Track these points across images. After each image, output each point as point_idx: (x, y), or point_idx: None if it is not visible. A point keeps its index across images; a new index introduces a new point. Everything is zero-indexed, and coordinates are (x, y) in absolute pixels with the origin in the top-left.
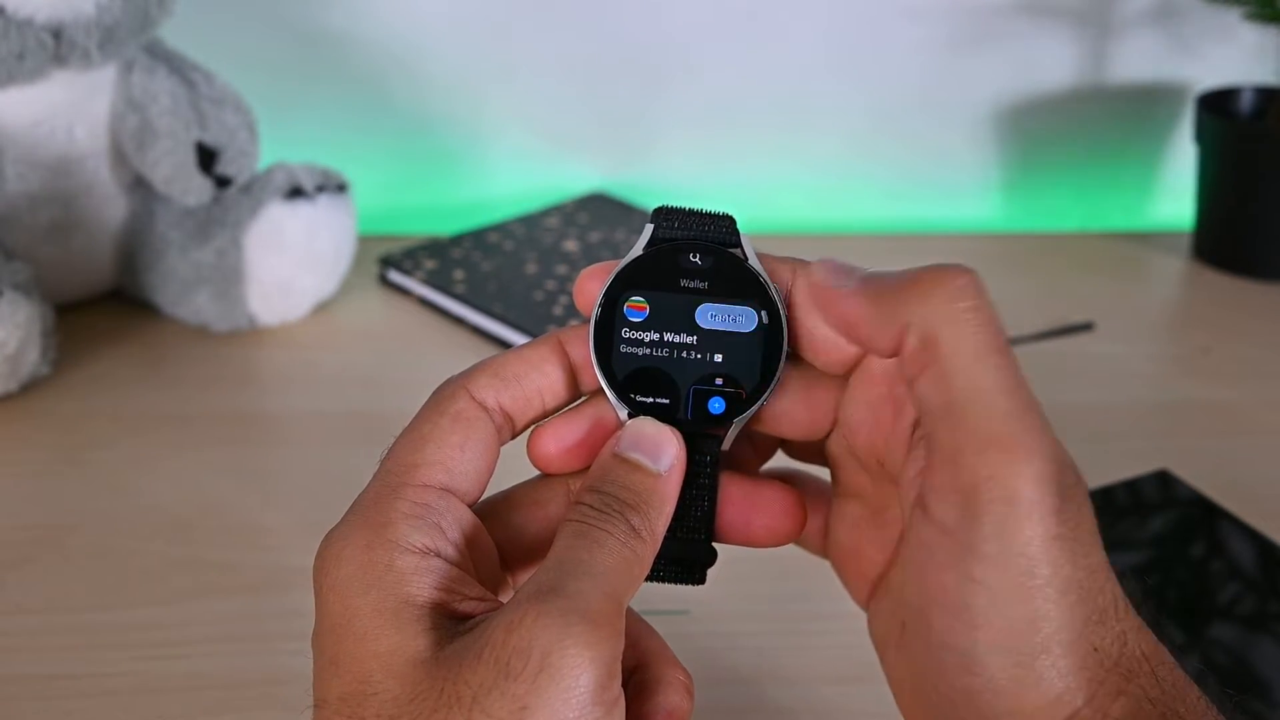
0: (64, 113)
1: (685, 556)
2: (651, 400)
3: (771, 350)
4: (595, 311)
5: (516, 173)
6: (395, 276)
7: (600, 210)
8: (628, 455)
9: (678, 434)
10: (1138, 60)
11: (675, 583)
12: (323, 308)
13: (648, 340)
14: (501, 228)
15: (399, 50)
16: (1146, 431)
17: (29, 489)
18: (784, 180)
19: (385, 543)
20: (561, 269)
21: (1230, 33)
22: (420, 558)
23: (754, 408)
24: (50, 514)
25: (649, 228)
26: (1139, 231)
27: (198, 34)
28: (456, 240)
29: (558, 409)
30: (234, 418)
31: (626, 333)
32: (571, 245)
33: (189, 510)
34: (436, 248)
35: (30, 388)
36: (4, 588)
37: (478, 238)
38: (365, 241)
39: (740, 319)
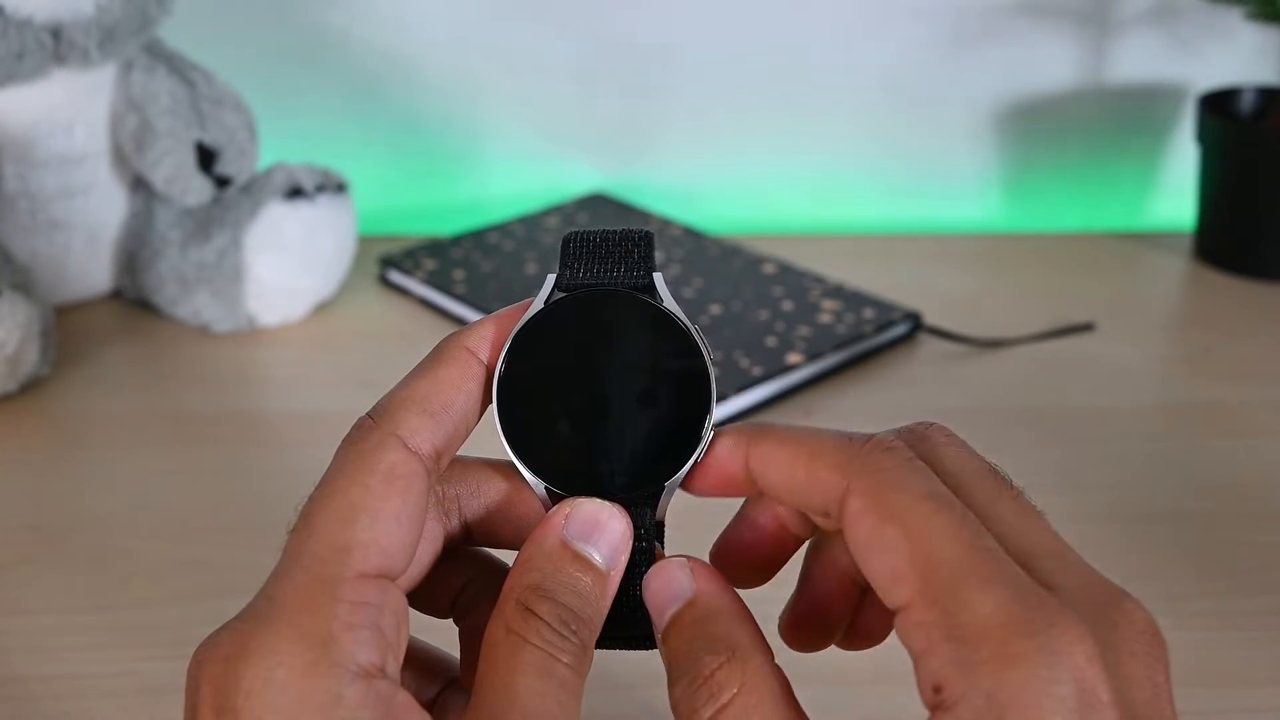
0: (63, 113)
1: (627, 635)
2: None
3: (699, 412)
4: (495, 394)
5: (516, 173)
6: (395, 276)
7: (600, 210)
8: (579, 548)
9: (625, 517)
10: (1137, 60)
11: (622, 649)
12: (322, 308)
13: (562, 429)
14: (502, 228)
15: (399, 50)
16: (1147, 432)
17: (29, 489)
18: (783, 180)
19: (330, 664)
20: None
21: (1230, 33)
22: (368, 685)
23: (684, 469)
24: (50, 514)
25: (550, 278)
26: (1139, 232)
27: (198, 34)
28: (456, 240)
29: (468, 433)
30: (234, 418)
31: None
32: None
33: (189, 510)
34: (436, 248)
35: (30, 388)
36: (4, 588)
37: (478, 238)
38: (365, 241)
39: (662, 390)
